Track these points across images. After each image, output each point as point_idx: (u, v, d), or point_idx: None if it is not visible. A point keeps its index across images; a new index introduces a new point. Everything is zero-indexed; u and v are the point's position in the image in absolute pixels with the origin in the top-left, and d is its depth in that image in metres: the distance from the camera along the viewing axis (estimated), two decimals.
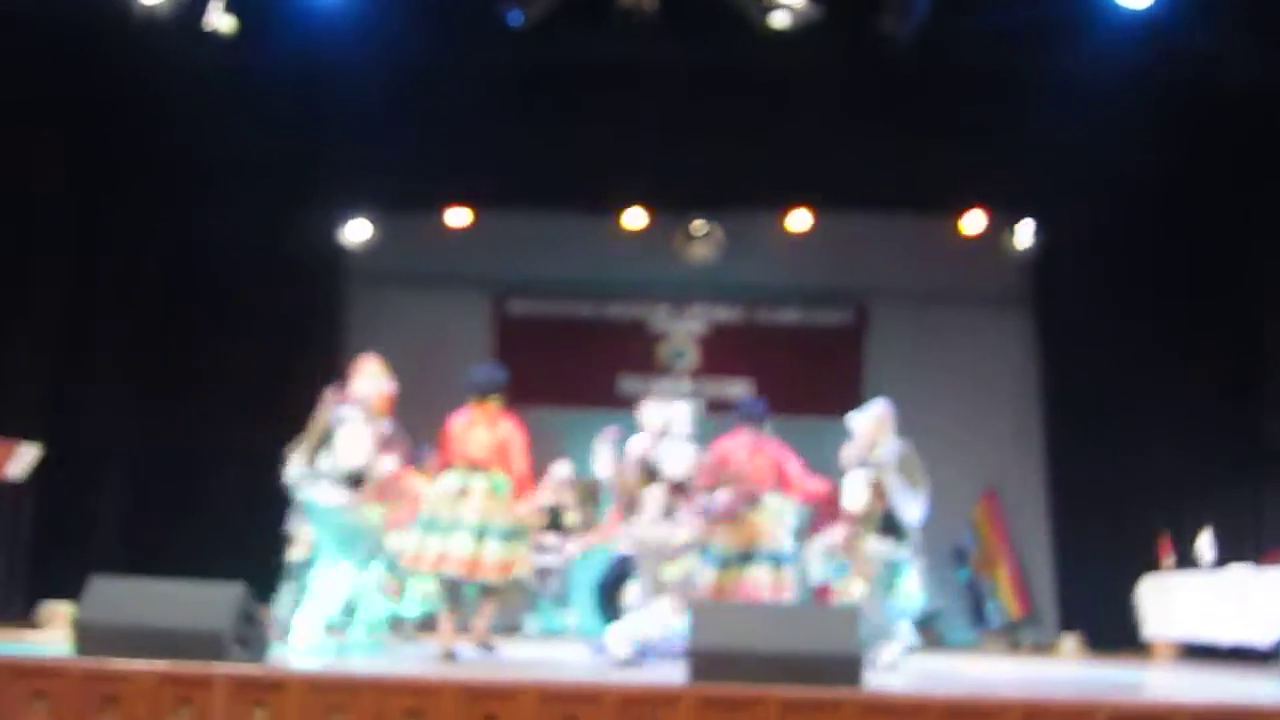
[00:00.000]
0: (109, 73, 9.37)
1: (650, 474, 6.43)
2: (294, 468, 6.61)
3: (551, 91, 9.76)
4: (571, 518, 10.13)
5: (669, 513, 6.37)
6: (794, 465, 7.34)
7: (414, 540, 6.32)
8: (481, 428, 6.40)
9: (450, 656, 6.12)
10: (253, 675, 4.39)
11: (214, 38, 7.95)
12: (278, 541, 8.54)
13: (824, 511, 9.48)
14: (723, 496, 6.87)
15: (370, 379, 6.71)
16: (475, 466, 6.32)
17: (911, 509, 6.54)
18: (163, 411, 11.07)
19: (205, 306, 11.49)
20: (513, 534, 6.31)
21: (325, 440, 6.48)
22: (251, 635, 4.67)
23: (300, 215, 11.34)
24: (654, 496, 6.35)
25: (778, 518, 7.15)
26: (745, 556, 6.97)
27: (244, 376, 11.63)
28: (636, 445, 6.57)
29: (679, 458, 6.49)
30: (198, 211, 10.84)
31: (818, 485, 7.32)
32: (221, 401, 11.28)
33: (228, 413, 11.14)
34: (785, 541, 7.17)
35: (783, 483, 7.24)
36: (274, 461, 10.13)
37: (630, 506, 6.45)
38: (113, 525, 10.43)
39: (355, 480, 6.45)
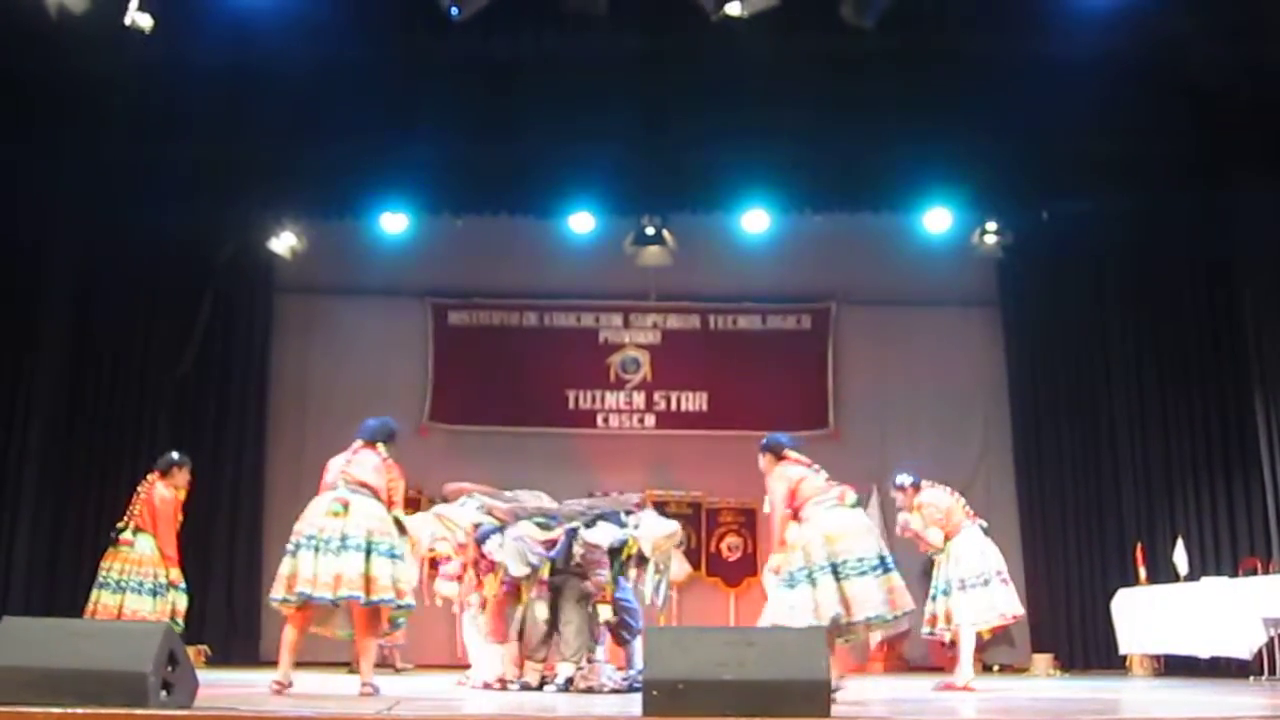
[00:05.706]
0: (24, 73, 9.20)
1: None
2: None
3: (492, 89, 9.67)
4: None
5: None
6: None
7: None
8: None
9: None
10: None
11: (136, 37, 7.81)
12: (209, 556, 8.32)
13: None
14: None
15: None
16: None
17: None
18: (79, 429, 10.92)
19: (126, 319, 11.33)
20: None
21: None
22: (177, 678, 4.57)
23: (229, 222, 11.22)
24: None
25: None
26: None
27: (169, 392, 11.50)
28: None
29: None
30: (118, 220, 10.71)
31: None
32: (144, 415, 11.17)
33: (151, 428, 11.02)
34: None
35: None
36: (200, 479, 9.94)
37: None
38: (26, 557, 10.24)
39: None
